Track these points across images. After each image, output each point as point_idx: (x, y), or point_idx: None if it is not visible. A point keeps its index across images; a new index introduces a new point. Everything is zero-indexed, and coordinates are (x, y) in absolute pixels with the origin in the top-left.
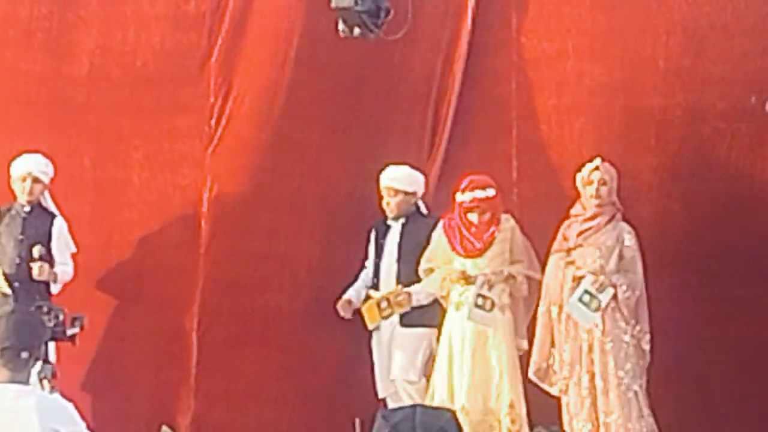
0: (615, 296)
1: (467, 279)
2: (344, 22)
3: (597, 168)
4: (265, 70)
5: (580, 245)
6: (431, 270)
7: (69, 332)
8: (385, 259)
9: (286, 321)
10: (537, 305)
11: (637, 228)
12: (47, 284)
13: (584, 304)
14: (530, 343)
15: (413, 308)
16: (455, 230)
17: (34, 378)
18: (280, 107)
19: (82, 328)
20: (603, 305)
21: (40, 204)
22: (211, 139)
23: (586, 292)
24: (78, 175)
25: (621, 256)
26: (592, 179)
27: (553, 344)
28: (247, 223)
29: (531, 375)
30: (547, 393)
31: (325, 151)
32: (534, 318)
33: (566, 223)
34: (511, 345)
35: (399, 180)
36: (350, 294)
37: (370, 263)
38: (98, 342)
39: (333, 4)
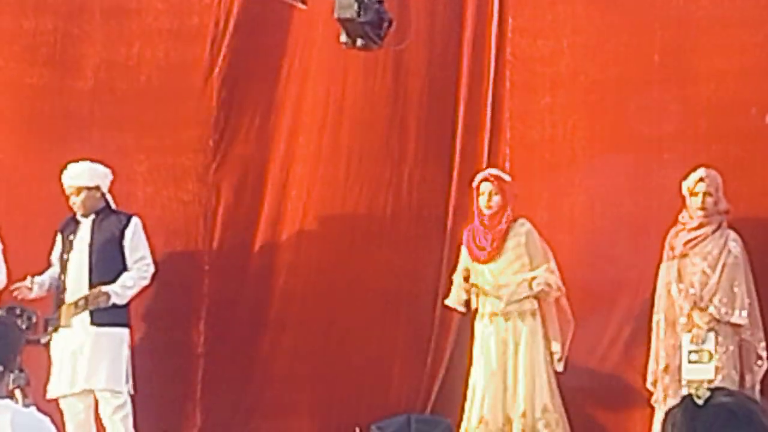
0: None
1: (470, 282)
2: (347, 33)
3: (702, 179)
4: (268, 83)
5: (686, 254)
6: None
7: (43, 339)
8: (75, 255)
9: (293, 335)
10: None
11: None
12: None
13: (695, 362)
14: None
15: (105, 308)
16: (472, 233)
17: None
18: (285, 120)
19: (56, 330)
20: (714, 352)
21: None
22: (215, 154)
23: (691, 352)
24: None
25: (725, 264)
26: (698, 191)
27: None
28: (252, 237)
29: (648, 385)
30: None
31: (333, 162)
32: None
33: (673, 231)
34: (536, 352)
35: (79, 177)
36: (35, 279)
37: (56, 260)
38: None
39: (336, 15)
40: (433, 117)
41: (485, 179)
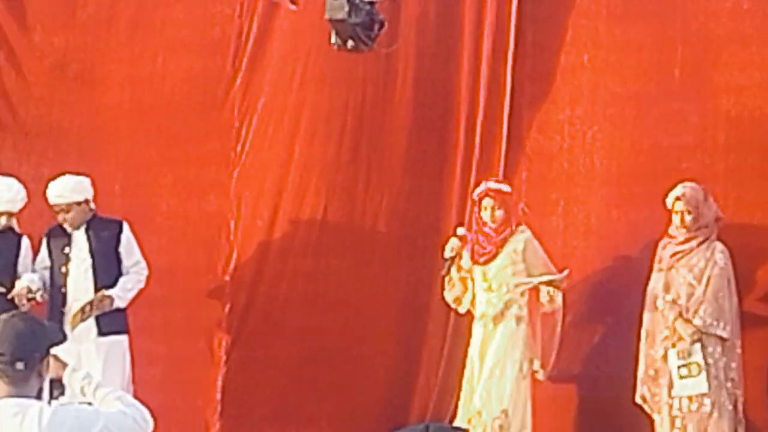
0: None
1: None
2: (337, 34)
3: (678, 198)
4: (286, 92)
5: (673, 266)
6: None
7: None
8: (75, 267)
9: (314, 341)
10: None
11: None
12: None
13: (686, 377)
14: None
15: (106, 313)
16: (476, 237)
17: None
18: (303, 127)
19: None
20: (703, 365)
21: (10, 227)
22: (236, 164)
23: (679, 367)
24: (108, 202)
25: (711, 276)
26: (677, 210)
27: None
28: (273, 244)
29: (637, 399)
30: None
31: (351, 169)
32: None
33: (662, 243)
34: (507, 356)
35: (66, 195)
36: (32, 277)
37: (40, 268)
38: None
39: (326, 16)
40: (451, 128)
41: (486, 194)
